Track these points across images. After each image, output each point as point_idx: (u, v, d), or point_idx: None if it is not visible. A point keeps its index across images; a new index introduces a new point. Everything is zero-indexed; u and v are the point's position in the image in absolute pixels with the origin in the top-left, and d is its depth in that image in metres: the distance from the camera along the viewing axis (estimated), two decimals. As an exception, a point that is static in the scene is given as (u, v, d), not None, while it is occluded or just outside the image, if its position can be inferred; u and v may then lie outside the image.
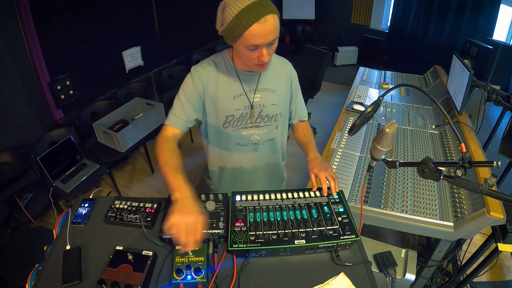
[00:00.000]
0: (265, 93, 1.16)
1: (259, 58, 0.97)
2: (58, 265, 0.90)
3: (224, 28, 0.94)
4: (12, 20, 2.03)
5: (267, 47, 0.95)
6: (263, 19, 0.87)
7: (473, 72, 1.67)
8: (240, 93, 1.12)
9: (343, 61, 5.50)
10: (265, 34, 0.90)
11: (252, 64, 1.01)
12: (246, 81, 1.12)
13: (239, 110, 1.14)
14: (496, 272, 2.05)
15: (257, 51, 0.95)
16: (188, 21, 3.66)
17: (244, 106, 1.14)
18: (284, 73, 1.21)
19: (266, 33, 0.90)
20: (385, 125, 0.88)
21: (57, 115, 2.51)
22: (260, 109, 1.17)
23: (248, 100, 1.14)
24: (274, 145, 1.28)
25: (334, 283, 0.86)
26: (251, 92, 1.14)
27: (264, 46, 0.94)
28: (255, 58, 0.97)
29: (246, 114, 1.16)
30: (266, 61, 0.97)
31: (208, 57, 1.15)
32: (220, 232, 0.95)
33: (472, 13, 4.09)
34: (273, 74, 1.18)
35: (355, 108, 2.16)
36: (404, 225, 1.32)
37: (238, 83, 1.11)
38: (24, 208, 2.05)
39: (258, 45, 0.93)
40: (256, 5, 0.87)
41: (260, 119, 1.18)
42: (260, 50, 0.95)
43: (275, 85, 1.18)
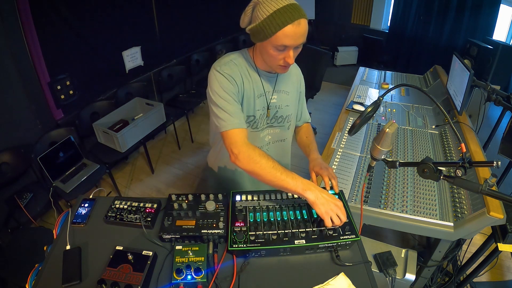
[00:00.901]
0: (281, 95, 1.17)
1: (284, 60, 0.98)
2: (58, 265, 0.90)
3: (255, 25, 0.93)
4: (12, 20, 2.03)
5: (294, 50, 0.97)
6: (297, 22, 0.90)
7: (473, 72, 1.67)
8: (261, 93, 1.12)
9: (343, 61, 5.50)
10: (296, 36, 0.92)
11: (276, 64, 1.01)
12: (266, 82, 1.12)
13: (259, 111, 1.13)
14: (496, 272, 2.05)
15: (284, 52, 0.96)
16: (188, 21, 3.66)
17: (263, 106, 1.14)
18: (295, 75, 1.23)
19: (297, 35, 0.92)
20: (385, 125, 0.88)
21: (57, 115, 2.50)
22: (276, 110, 1.17)
23: (266, 101, 1.14)
24: (284, 146, 1.29)
25: (334, 283, 0.86)
26: (269, 93, 1.14)
27: (292, 48, 0.96)
28: (281, 59, 0.98)
29: (263, 115, 1.15)
30: (291, 63, 0.99)
31: (225, 56, 1.08)
32: (220, 232, 0.95)
33: (472, 13, 4.09)
34: (287, 76, 1.18)
35: (355, 108, 2.16)
36: (404, 225, 1.32)
37: (259, 83, 1.10)
38: (24, 208, 2.05)
39: (287, 46, 0.94)
40: (291, 7, 0.90)
41: (275, 119, 1.19)
42: (288, 51, 0.96)
43: (289, 87, 1.19)
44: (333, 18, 5.56)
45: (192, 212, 1.02)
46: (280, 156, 1.30)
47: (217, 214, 1.01)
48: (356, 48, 5.47)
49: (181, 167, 3.11)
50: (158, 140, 3.56)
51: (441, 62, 2.76)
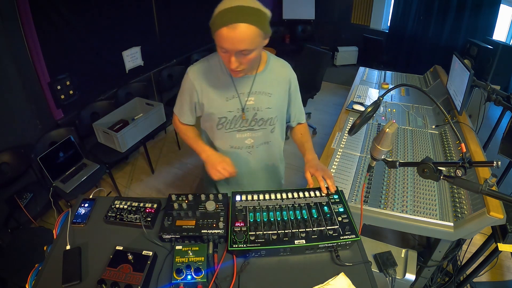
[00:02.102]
0: (260, 96, 1.15)
1: (229, 63, 0.96)
2: (58, 265, 0.90)
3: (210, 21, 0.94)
4: (12, 20, 2.03)
5: (237, 55, 0.94)
6: (232, 26, 0.87)
7: (473, 72, 1.67)
8: (233, 95, 1.12)
9: (343, 61, 5.50)
10: (232, 41, 0.89)
11: (228, 67, 1.00)
12: (239, 84, 1.12)
13: (231, 113, 1.14)
14: (496, 272, 2.05)
15: (227, 54, 0.95)
16: (188, 21, 3.66)
17: (237, 108, 1.14)
18: (282, 76, 1.19)
19: (233, 40, 0.89)
20: (385, 125, 0.89)
21: (57, 115, 2.51)
22: (255, 112, 1.16)
23: (240, 103, 1.13)
24: (269, 149, 1.28)
25: (334, 283, 0.86)
26: (244, 95, 1.13)
27: (233, 54, 0.93)
28: (228, 62, 0.97)
29: (239, 117, 1.15)
30: (232, 67, 0.96)
31: (205, 57, 1.15)
32: (220, 232, 0.95)
33: (472, 13, 4.09)
34: (270, 77, 1.16)
35: (355, 108, 2.16)
36: (404, 225, 1.32)
37: (231, 84, 1.11)
38: (24, 208, 2.05)
39: (226, 49, 0.93)
40: (234, 10, 0.87)
41: (255, 122, 1.18)
42: (228, 55, 0.94)
43: (271, 89, 1.16)
44: (333, 18, 5.56)
45: (192, 212, 1.02)
46: (266, 159, 1.30)
47: (217, 214, 1.01)
48: (356, 48, 5.47)
49: (181, 167, 3.10)
50: (158, 140, 3.56)
51: (441, 62, 2.76)
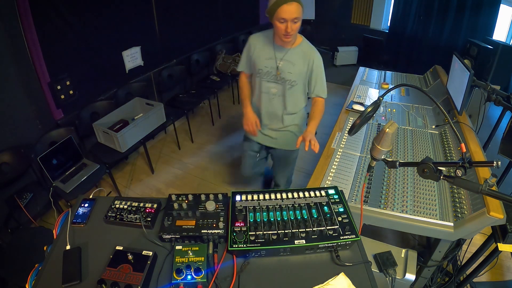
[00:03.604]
0: (287, 63, 1.66)
1: (286, 30, 1.48)
2: (58, 265, 0.90)
3: (268, 8, 1.49)
4: (12, 20, 2.03)
5: (291, 22, 1.47)
6: (290, 3, 1.43)
7: (473, 72, 1.67)
8: (271, 57, 1.67)
9: (343, 61, 5.49)
10: (290, 11, 1.44)
11: (281, 34, 1.52)
12: (278, 51, 1.67)
13: (266, 68, 1.69)
14: (496, 272, 2.05)
15: (284, 23, 1.48)
16: (188, 21, 3.66)
17: (271, 66, 1.68)
18: (306, 55, 1.67)
19: (291, 12, 1.44)
20: (385, 125, 0.89)
21: (57, 115, 2.50)
22: (281, 72, 1.67)
23: (275, 63, 1.67)
24: (284, 101, 1.76)
25: (334, 283, 0.86)
26: (279, 59, 1.66)
27: (289, 21, 1.46)
28: (283, 29, 1.49)
29: (270, 72, 1.69)
30: (289, 31, 1.49)
31: (263, 30, 1.73)
32: (220, 232, 0.95)
33: (472, 13, 4.08)
34: (297, 52, 1.66)
35: (355, 108, 2.16)
36: (404, 225, 1.32)
37: (272, 51, 1.67)
38: (24, 208, 2.05)
39: (285, 19, 1.46)
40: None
41: (279, 78, 1.70)
42: (287, 23, 1.47)
43: (295, 60, 1.66)
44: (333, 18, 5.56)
45: (192, 212, 1.02)
46: (279, 108, 1.80)
47: (217, 214, 1.01)
48: (356, 48, 5.46)
49: (181, 167, 3.10)
50: (158, 140, 3.56)
51: (441, 62, 2.76)
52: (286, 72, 1.67)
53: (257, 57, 1.70)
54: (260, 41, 1.71)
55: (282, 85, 1.71)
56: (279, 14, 1.44)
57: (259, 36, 1.73)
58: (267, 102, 1.80)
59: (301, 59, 1.66)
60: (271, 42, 1.67)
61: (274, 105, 1.79)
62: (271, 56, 1.67)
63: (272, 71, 1.68)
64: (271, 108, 1.81)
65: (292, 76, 1.67)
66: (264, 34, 1.72)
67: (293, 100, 1.77)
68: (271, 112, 1.83)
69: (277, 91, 1.74)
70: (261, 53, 1.69)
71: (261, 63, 1.69)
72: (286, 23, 1.46)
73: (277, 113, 1.81)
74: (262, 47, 1.69)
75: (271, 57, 1.67)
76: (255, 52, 1.71)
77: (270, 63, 1.67)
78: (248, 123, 1.81)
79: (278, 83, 1.71)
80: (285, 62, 1.66)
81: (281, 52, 1.66)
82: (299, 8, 1.46)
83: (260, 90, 1.77)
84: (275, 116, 1.83)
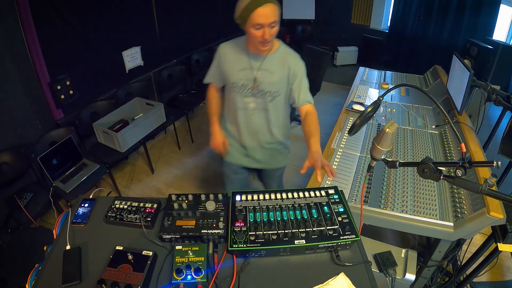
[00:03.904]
0: (265, 73, 1.45)
1: (262, 36, 1.28)
2: (58, 265, 0.90)
3: (239, 14, 1.28)
4: (12, 20, 2.03)
5: (269, 27, 1.27)
6: (266, 5, 1.22)
7: (473, 72, 1.67)
8: (245, 67, 1.46)
9: (343, 61, 5.49)
10: (266, 15, 1.23)
11: (257, 42, 1.32)
12: (253, 60, 1.45)
13: (241, 80, 1.47)
14: (496, 272, 2.05)
15: (261, 30, 1.27)
16: (188, 21, 3.66)
17: (246, 78, 1.46)
18: (282, 61, 1.47)
19: (267, 14, 1.23)
20: (385, 125, 0.89)
21: (57, 115, 2.50)
22: (258, 83, 1.47)
23: (252, 75, 1.46)
24: (266, 116, 1.55)
25: (334, 283, 0.86)
26: (255, 69, 1.45)
27: (266, 26, 1.26)
28: (260, 36, 1.28)
29: (247, 85, 1.48)
30: (267, 38, 1.28)
31: (234, 38, 1.52)
32: (220, 232, 0.95)
33: (472, 13, 4.08)
34: (275, 59, 1.46)
35: (355, 108, 2.16)
36: (404, 225, 1.32)
37: (246, 60, 1.45)
38: (24, 208, 2.05)
39: (261, 24, 1.25)
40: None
41: (257, 91, 1.48)
42: (263, 29, 1.27)
43: (274, 68, 1.46)
44: (333, 18, 5.55)
45: (192, 212, 1.02)
46: (263, 123, 1.58)
47: (217, 214, 1.01)
48: (356, 48, 5.46)
49: (181, 167, 3.10)
50: (158, 140, 3.56)
51: (441, 62, 2.76)
52: (265, 83, 1.46)
53: (229, 69, 1.48)
54: (232, 50, 1.48)
55: (262, 99, 1.50)
56: (254, 19, 1.23)
57: (229, 45, 1.51)
58: (246, 119, 1.57)
59: (280, 66, 1.46)
60: (244, 51, 1.45)
61: (255, 121, 1.57)
62: (246, 66, 1.45)
63: (249, 84, 1.47)
64: (252, 125, 1.58)
65: (272, 86, 1.48)
66: (235, 42, 1.50)
67: (277, 113, 1.57)
68: (252, 130, 1.60)
69: (256, 106, 1.52)
70: (234, 65, 1.47)
71: (235, 76, 1.47)
72: (263, 28, 1.26)
73: (259, 131, 1.60)
74: (235, 57, 1.47)
75: (246, 67, 1.45)
76: (227, 64, 1.49)
77: (246, 74, 1.46)
78: (215, 144, 1.63)
79: (257, 96, 1.50)
80: (263, 72, 1.45)
81: (257, 61, 1.44)
82: (276, 9, 1.26)
83: (236, 106, 1.54)
84: (257, 134, 1.61)
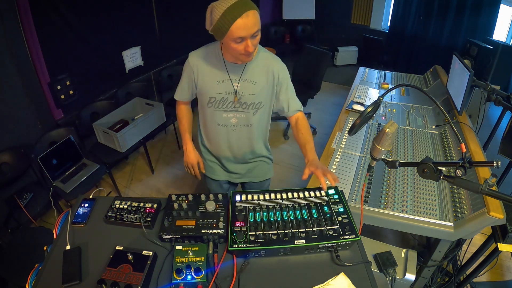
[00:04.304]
0: (246, 83, 1.29)
1: (245, 49, 1.09)
2: (58, 265, 0.90)
3: (213, 26, 1.06)
4: (12, 20, 2.03)
5: (251, 39, 1.08)
6: (245, 14, 1.01)
7: (473, 72, 1.67)
8: (224, 79, 1.28)
9: (343, 61, 5.49)
10: (248, 27, 1.04)
11: (239, 54, 1.13)
12: (232, 71, 1.27)
13: (220, 94, 1.30)
14: (496, 272, 2.05)
15: (243, 43, 1.08)
16: (188, 21, 3.66)
17: (226, 91, 1.29)
18: (267, 67, 1.30)
19: (249, 26, 1.04)
20: (385, 125, 0.89)
21: (57, 115, 2.50)
22: (240, 96, 1.30)
23: (232, 87, 1.29)
24: (250, 130, 1.40)
25: (334, 283, 0.86)
26: (235, 80, 1.28)
27: (249, 38, 1.07)
28: (242, 49, 1.10)
29: (227, 99, 1.31)
30: (251, 51, 1.10)
31: (204, 45, 1.32)
32: (220, 232, 0.95)
33: (472, 13, 4.09)
34: (256, 67, 1.29)
35: (355, 108, 2.16)
36: (404, 225, 1.32)
37: (224, 71, 1.27)
38: (24, 208, 2.05)
39: (243, 37, 1.06)
40: (238, 3, 1.01)
41: (239, 105, 1.32)
42: (246, 41, 1.08)
43: (256, 77, 1.29)
44: (333, 18, 5.56)
45: (192, 212, 1.02)
46: (246, 139, 1.42)
47: (217, 214, 1.01)
48: (356, 48, 5.46)
49: (181, 167, 3.10)
50: (158, 140, 3.56)
51: (441, 62, 2.76)
52: (248, 94, 1.29)
53: (205, 83, 1.29)
54: (205, 61, 1.28)
55: (245, 113, 1.34)
56: (234, 33, 1.04)
57: (201, 54, 1.30)
58: (226, 136, 1.41)
59: (263, 73, 1.30)
60: (221, 60, 1.26)
61: (237, 137, 1.41)
62: (224, 78, 1.27)
63: (229, 97, 1.30)
64: (233, 141, 1.42)
65: (255, 98, 1.31)
66: (208, 50, 1.29)
67: (260, 126, 1.42)
68: (234, 147, 1.44)
69: (238, 121, 1.36)
70: (209, 78, 1.28)
71: (212, 90, 1.29)
72: (245, 41, 1.07)
73: (242, 146, 1.44)
74: (210, 68, 1.27)
75: (224, 79, 1.27)
76: (201, 77, 1.29)
77: (224, 87, 1.28)
78: (189, 165, 1.48)
79: (238, 110, 1.33)
80: (244, 83, 1.28)
81: (236, 71, 1.27)
82: (257, 16, 1.05)
83: (215, 123, 1.37)
84: (239, 150, 1.46)
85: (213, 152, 1.52)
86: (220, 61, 1.26)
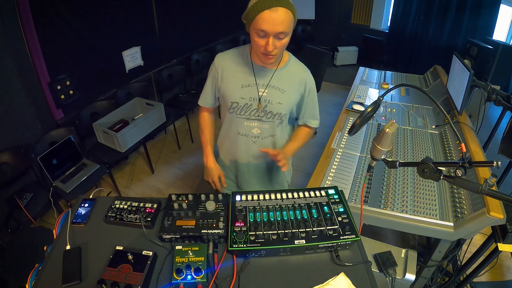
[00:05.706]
0: (274, 91, 1.20)
1: (265, 47, 1.03)
2: (58, 265, 0.90)
3: (245, 12, 1.03)
4: (12, 20, 2.03)
5: (274, 38, 1.01)
6: (274, 8, 0.95)
7: (473, 72, 1.67)
8: (250, 83, 1.19)
9: (343, 61, 5.49)
10: (273, 22, 0.97)
11: (259, 51, 1.07)
12: (259, 75, 1.19)
13: (244, 100, 1.21)
14: (496, 272, 2.05)
15: (265, 38, 1.02)
16: (188, 21, 3.66)
17: (250, 97, 1.20)
18: (299, 78, 1.24)
19: (274, 21, 0.97)
20: (385, 125, 0.89)
21: (57, 115, 2.50)
22: (265, 104, 1.21)
23: (257, 93, 1.20)
24: (275, 143, 1.31)
25: (334, 283, 0.86)
26: (262, 86, 1.20)
27: (272, 35, 1.00)
28: (262, 46, 1.03)
29: (250, 106, 1.22)
30: (270, 50, 1.03)
31: (234, 47, 1.26)
32: (220, 232, 0.95)
33: (472, 13, 4.09)
34: (287, 75, 1.22)
35: (355, 108, 2.16)
36: (404, 225, 1.32)
37: (251, 74, 1.19)
38: (24, 208, 2.05)
39: (266, 32, 0.99)
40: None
41: (264, 113, 1.23)
42: (268, 38, 1.01)
43: (286, 86, 1.21)
44: (333, 18, 5.56)
45: (192, 212, 1.02)
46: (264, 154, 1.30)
47: (217, 214, 1.01)
48: (356, 48, 5.47)
49: (181, 167, 3.10)
50: (158, 140, 3.56)
51: (441, 62, 2.76)
52: (275, 103, 1.20)
53: (229, 85, 1.21)
54: (232, 62, 1.20)
55: (270, 123, 1.24)
56: (258, 23, 0.98)
57: (228, 56, 1.22)
58: (245, 148, 1.30)
59: (294, 83, 1.22)
60: (248, 63, 1.19)
61: (257, 151, 1.30)
62: (250, 82, 1.18)
63: (253, 104, 1.20)
64: (252, 155, 1.32)
65: (282, 108, 1.22)
66: (236, 52, 1.23)
67: (282, 139, 1.33)
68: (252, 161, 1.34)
69: (260, 132, 1.26)
70: (234, 80, 1.20)
71: (236, 94, 1.20)
72: (267, 38, 1.01)
73: (261, 160, 1.34)
74: (236, 70, 1.20)
75: (250, 83, 1.18)
76: (225, 79, 1.21)
77: (249, 92, 1.19)
78: (209, 179, 1.37)
79: (262, 120, 1.23)
80: (272, 90, 1.19)
81: (264, 76, 1.18)
82: (288, 17, 0.98)
83: (235, 131, 1.28)
84: (257, 166, 1.36)
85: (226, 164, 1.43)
86: (248, 64, 1.20)
